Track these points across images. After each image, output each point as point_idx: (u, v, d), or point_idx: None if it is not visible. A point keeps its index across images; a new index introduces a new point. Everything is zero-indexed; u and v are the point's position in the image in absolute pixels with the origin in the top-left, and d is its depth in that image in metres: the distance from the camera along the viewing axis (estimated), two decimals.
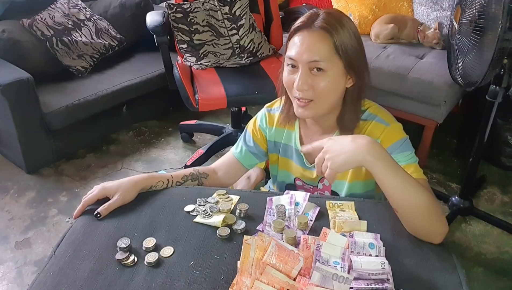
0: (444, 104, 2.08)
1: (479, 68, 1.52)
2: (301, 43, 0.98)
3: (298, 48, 0.98)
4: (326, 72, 0.97)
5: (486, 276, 1.70)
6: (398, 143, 1.02)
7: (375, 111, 1.08)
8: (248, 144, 1.21)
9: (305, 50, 0.97)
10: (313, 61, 0.97)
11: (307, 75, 0.98)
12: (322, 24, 0.97)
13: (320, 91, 0.99)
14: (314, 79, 0.98)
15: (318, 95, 0.99)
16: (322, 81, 0.98)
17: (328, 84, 0.98)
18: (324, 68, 0.97)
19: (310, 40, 0.97)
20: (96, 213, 0.98)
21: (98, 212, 0.98)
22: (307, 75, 0.98)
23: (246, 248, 0.86)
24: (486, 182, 2.20)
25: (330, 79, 0.98)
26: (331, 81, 0.98)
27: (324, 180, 1.16)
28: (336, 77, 0.99)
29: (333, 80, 0.99)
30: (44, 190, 2.13)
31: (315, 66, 0.97)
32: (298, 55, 0.98)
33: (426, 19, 2.45)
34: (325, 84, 0.98)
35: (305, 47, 0.97)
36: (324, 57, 0.96)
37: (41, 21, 2.34)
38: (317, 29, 0.97)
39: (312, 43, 0.97)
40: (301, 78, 0.98)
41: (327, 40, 0.97)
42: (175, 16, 2.12)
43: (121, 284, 0.82)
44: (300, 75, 0.98)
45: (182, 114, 2.63)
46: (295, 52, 0.98)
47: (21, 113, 2.05)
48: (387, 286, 0.79)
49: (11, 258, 1.76)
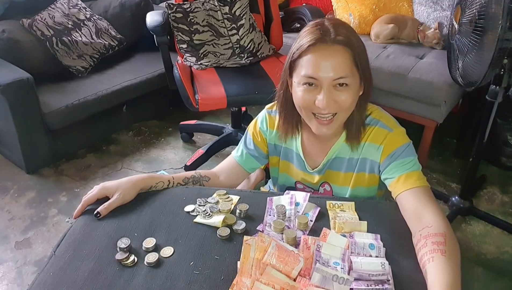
0: (444, 104, 2.08)
1: (479, 68, 1.52)
2: (322, 60, 0.93)
3: (317, 67, 0.94)
4: (349, 86, 0.96)
5: (486, 276, 1.70)
6: (401, 148, 1.02)
7: (377, 116, 1.07)
8: (249, 147, 1.20)
9: (328, 68, 0.93)
10: (337, 78, 0.94)
11: (332, 92, 0.95)
12: (338, 38, 0.93)
13: (343, 104, 0.97)
14: (337, 95, 0.96)
15: (341, 109, 0.98)
16: (346, 95, 0.96)
17: (351, 97, 0.97)
18: (348, 82, 0.95)
19: (332, 56, 0.93)
20: (96, 212, 0.98)
21: (98, 212, 0.98)
22: (331, 92, 0.95)
23: (246, 248, 0.86)
24: (486, 182, 2.20)
25: (352, 91, 0.97)
26: (353, 93, 0.97)
27: (325, 184, 1.16)
28: (356, 89, 0.98)
29: (354, 92, 0.98)
30: (44, 190, 2.13)
31: (339, 83, 0.95)
32: (320, 74, 0.94)
33: (426, 19, 2.45)
34: (348, 97, 0.96)
35: (327, 64, 0.93)
36: (348, 72, 0.94)
37: (41, 21, 2.34)
38: (335, 43, 0.93)
39: (334, 59, 0.93)
40: (326, 96, 0.94)
41: (347, 54, 0.94)
42: (175, 16, 2.12)
43: (121, 284, 0.82)
44: (324, 94, 0.94)
45: (182, 114, 2.63)
46: (314, 71, 0.94)
47: (21, 113, 2.05)
48: (387, 287, 0.79)
49: (11, 258, 1.76)
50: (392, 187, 1.01)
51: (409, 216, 0.95)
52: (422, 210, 0.92)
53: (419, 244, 0.87)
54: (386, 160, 1.02)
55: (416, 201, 0.94)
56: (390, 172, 1.02)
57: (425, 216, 0.91)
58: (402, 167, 1.00)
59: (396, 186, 0.99)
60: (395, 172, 1.00)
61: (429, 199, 0.95)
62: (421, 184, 0.97)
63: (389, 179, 1.02)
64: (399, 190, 0.98)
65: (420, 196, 0.95)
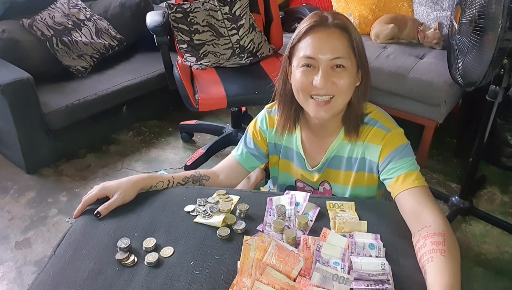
0: (444, 104, 2.08)
1: (479, 68, 1.52)
2: (320, 42, 0.96)
3: (316, 47, 0.96)
4: (346, 69, 0.97)
5: (486, 276, 1.70)
6: (399, 149, 1.02)
7: (376, 116, 1.07)
8: (249, 146, 1.21)
9: (326, 48, 0.96)
10: (335, 58, 0.96)
11: (329, 73, 0.97)
12: (337, 22, 0.97)
13: (341, 86, 0.98)
14: (335, 76, 0.97)
15: (339, 91, 0.99)
16: (344, 77, 0.98)
17: (348, 80, 0.98)
18: (345, 64, 0.97)
19: (329, 37, 0.96)
20: (96, 212, 0.98)
21: (98, 212, 0.98)
22: (329, 72, 0.97)
23: (246, 248, 0.86)
24: (486, 182, 2.20)
25: (349, 74, 0.98)
26: (350, 77, 0.99)
27: (325, 183, 1.16)
28: (353, 74, 1.00)
29: (352, 76, 0.99)
30: (44, 190, 2.13)
31: (336, 64, 0.97)
32: (318, 53, 0.96)
33: (426, 19, 2.45)
34: (346, 80, 0.98)
35: (325, 45, 0.96)
36: (345, 54, 0.97)
37: (41, 21, 2.34)
38: (333, 26, 0.97)
39: (332, 40, 0.96)
40: (324, 75, 0.96)
41: (345, 36, 0.97)
42: (175, 16, 2.12)
43: (121, 284, 0.82)
44: (322, 73, 0.96)
45: (182, 114, 2.63)
46: (313, 51, 0.97)
47: (21, 113, 2.05)
48: (387, 287, 0.79)
49: (11, 258, 1.76)
50: (391, 188, 1.01)
51: (408, 216, 0.95)
52: (421, 210, 0.92)
53: (418, 244, 0.87)
54: (385, 160, 1.03)
55: (415, 201, 0.95)
56: (388, 172, 1.02)
57: (424, 216, 0.91)
58: (401, 167, 1.00)
59: (395, 186, 0.99)
60: (394, 173, 1.00)
61: (428, 199, 0.95)
62: (419, 184, 0.97)
63: (387, 179, 1.02)
64: (398, 190, 0.98)
65: (419, 196, 0.95)
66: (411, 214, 0.94)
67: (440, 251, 0.82)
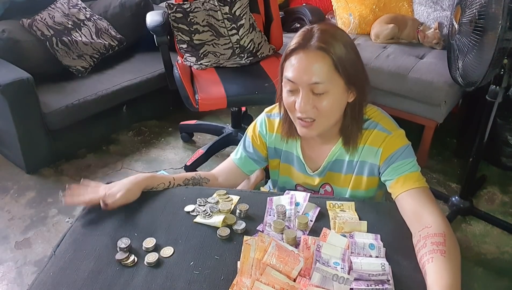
0: (444, 104, 2.08)
1: (479, 68, 1.52)
2: (299, 65, 0.95)
3: (296, 70, 0.96)
4: (328, 92, 0.96)
5: (486, 276, 1.70)
6: (400, 150, 1.02)
7: (376, 118, 1.07)
8: (248, 150, 1.21)
9: (303, 72, 0.95)
10: (313, 83, 0.95)
11: (309, 97, 0.96)
12: (317, 44, 0.94)
13: (322, 110, 0.97)
14: (316, 100, 0.96)
15: (321, 115, 0.98)
16: (324, 101, 0.96)
17: (331, 102, 0.97)
18: (326, 89, 0.95)
19: (308, 61, 0.95)
20: (104, 204, 0.99)
21: (106, 204, 0.99)
22: (309, 96, 0.96)
23: (246, 248, 0.86)
24: (486, 182, 2.20)
25: (332, 97, 0.97)
26: (333, 100, 0.97)
27: (326, 185, 1.16)
28: (338, 95, 0.98)
29: (335, 98, 0.98)
30: (44, 190, 2.13)
31: (315, 90, 0.96)
32: (297, 77, 0.95)
33: (426, 19, 2.45)
34: (327, 103, 0.97)
35: (303, 69, 0.95)
36: (324, 78, 0.94)
37: (41, 21, 2.34)
38: (313, 49, 0.94)
39: (310, 64, 0.94)
40: (303, 100, 0.96)
41: (325, 59, 0.94)
42: (175, 16, 2.12)
43: (121, 284, 0.82)
44: (301, 97, 0.96)
45: (182, 114, 2.63)
46: (293, 74, 0.96)
47: (21, 113, 2.05)
48: (387, 287, 0.79)
49: (11, 258, 1.76)
50: (391, 189, 1.01)
51: (408, 217, 0.95)
52: (421, 211, 0.92)
53: (418, 244, 0.87)
54: (386, 162, 1.03)
55: (415, 202, 0.95)
56: (389, 174, 1.02)
57: (424, 217, 0.91)
58: (401, 169, 1.00)
59: (396, 188, 0.99)
60: (395, 174, 1.01)
61: (428, 199, 0.95)
62: (420, 185, 0.97)
63: (388, 180, 1.02)
64: (399, 191, 0.98)
65: (419, 197, 0.95)
66: (411, 215, 0.94)
67: (440, 251, 0.82)
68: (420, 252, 0.86)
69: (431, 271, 0.80)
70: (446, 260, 0.81)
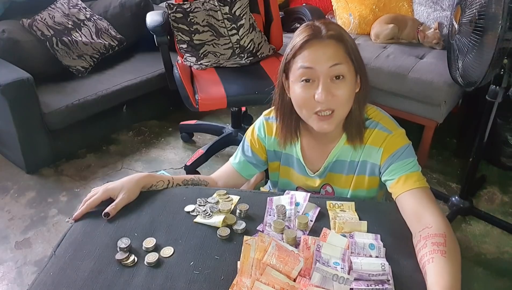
0: (444, 104, 2.08)
1: (479, 68, 1.52)
2: (316, 53, 0.96)
3: (314, 58, 0.96)
4: (345, 78, 0.97)
5: (486, 276, 1.70)
6: (401, 150, 1.02)
7: (377, 118, 1.07)
8: (247, 154, 1.20)
9: (323, 58, 0.95)
10: (334, 65, 0.95)
11: (328, 84, 0.96)
12: (329, 33, 0.96)
13: (341, 98, 0.97)
14: (335, 88, 0.96)
15: (340, 103, 0.98)
16: (343, 88, 0.97)
17: (348, 90, 0.97)
18: (344, 73, 0.96)
19: (325, 48, 0.96)
20: (105, 213, 0.97)
21: (107, 212, 0.97)
22: (328, 84, 0.96)
23: (246, 248, 0.86)
24: (486, 182, 2.20)
25: (348, 84, 0.97)
26: (349, 87, 0.98)
27: (327, 186, 1.16)
28: (352, 82, 0.99)
29: (351, 86, 0.98)
30: (44, 190, 2.13)
31: (335, 74, 0.96)
32: (316, 62, 0.95)
33: (426, 19, 2.45)
34: (345, 91, 0.97)
35: (320, 54, 0.95)
36: (342, 60, 0.96)
37: (41, 21, 2.34)
38: (326, 38, 0.96)
39: (327, 49, 0.95)
40: (324, 88, 0.95)
41: (340, 45, 0.96)
42: (175, 16, 2.12)
43: (121, 284, 0.82)
44: (322, 86, 0.95)
45: (182, 114, 2.63)
46: (311, 62, 0.96)
47: (21, 113, 2.05)
48: (387, 287, 0.79)
49: (11, 258, 1.76)
50: (392, 189, 1.01)
51: (409, 217, 0.95)
52: (422, 211, 0.92)
53: (419, 244, 0.87)
54: (386, 161, 1.03)
55: (416, 202, 0.95)
56: (390, 173, 1.02)
57: (425, 217, 0.91)
58: (402, 169, 1.00)
59: (396, 187, 0.99)
60: (395, 174, 1.00)
61: (429, 200, 0.95)
62: (420, 185, 0.97)
63: (389, 180, 1.02)
64: (399, 191, 0.98)
65: (420, 197, 0.95)
66: (412, 215, 0.94)
67: (440, 251, 0.82)
68: (420, 252, 0.86)
69: (431, 271, 0.80)
70: (447, 260, 0.81)
